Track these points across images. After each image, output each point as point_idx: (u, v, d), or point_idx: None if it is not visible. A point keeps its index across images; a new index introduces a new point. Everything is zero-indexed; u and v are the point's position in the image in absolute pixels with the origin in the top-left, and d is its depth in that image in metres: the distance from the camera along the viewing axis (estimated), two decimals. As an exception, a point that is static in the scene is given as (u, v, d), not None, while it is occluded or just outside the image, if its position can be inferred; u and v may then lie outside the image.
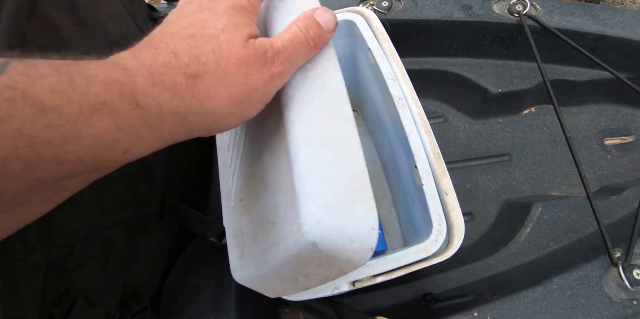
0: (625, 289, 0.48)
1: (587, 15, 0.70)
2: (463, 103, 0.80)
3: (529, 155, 0.76)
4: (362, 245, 0.24)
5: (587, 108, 0.78)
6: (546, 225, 0.63)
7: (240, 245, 0.34)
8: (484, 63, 0.77)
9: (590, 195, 0.52)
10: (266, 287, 0.33)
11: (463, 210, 0.68)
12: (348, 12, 0.53)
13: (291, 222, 0.25)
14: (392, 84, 0.47)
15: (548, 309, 0.48)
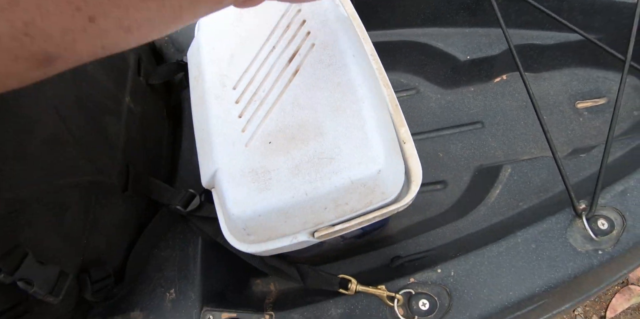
0: (591, 240, 0.48)
1: (550, -22, 0.69)
2: (434, 73, 0.79)
3: (501, 122, 0.75)
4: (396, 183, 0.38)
5: (558, 72, 0.78)
6: (515, 186, 0.63)
7: (264, 180, 0.37)
8: (451, 32, 0.77)
9: (553, 149, 0.52)
10: (278, 221, 0.38)
11: (436, 178, 0.68)
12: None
13: (360, 157, 0.36)
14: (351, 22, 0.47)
15: (512, 262, 0.47)
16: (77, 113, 0.45)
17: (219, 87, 0.45)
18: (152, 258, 0.55)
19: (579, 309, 0.83)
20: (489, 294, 0.46)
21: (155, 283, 0.52)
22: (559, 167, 0.51)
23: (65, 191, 0.42)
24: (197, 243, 0.55)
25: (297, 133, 0.39)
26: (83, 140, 0.45)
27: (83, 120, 0.46)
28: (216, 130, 0.42)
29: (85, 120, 0.46)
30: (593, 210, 0.49)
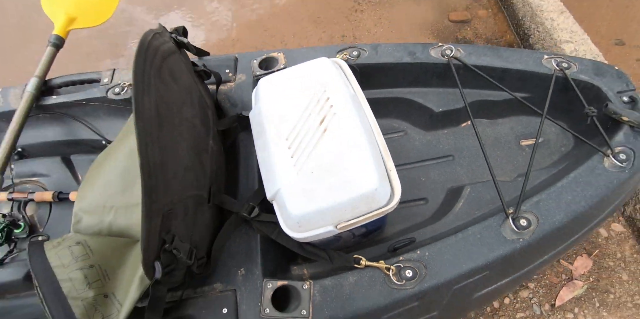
0: (515, 232, 0.74)
1: (494, 55, 1.00)
2: (417, 120, 1.09)
3: (466, 155, 1.03)
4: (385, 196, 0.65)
5: (508, 119, 1.07)
6: (473, 200, 0.90)
7: (309, 194, 0.65)
8: (428, 91, 1.07)
9: (493, 175, 0.80)
10: (316, 217, 0.64)
11: (419, 196, 0.96)
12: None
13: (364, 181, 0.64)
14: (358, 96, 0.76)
15: (465, 247, 0.74)
16: (192, 152, 0.73)
17: (277, 138, 0.73)
18: (226, 249, 0.81)
19: (535, 298, 1.08)
20: (450, 267, 0.72)
21: (230, 264, 0.79)
22: (496, 186, 0.79)
23: (187, 200, 0.70)
24: (257, 239, 0.81)
25: (328, 166, 0.67)
26: (195, 169, 0.73)
27: (194, 156, 0.74)
28: (277, 165, 0.70)
29: (196, 156, 0.75)
30: (517, 213, 0.75)
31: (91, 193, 0.83)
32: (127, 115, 1.19)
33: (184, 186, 0.68)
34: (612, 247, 1.12)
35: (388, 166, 0.69)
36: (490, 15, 1.72)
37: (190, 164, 0.71)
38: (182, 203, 0.68)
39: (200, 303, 0.76)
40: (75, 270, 0.68)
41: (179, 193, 0.67)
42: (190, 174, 0.71)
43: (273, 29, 1.78)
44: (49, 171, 1.24)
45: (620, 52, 1.50)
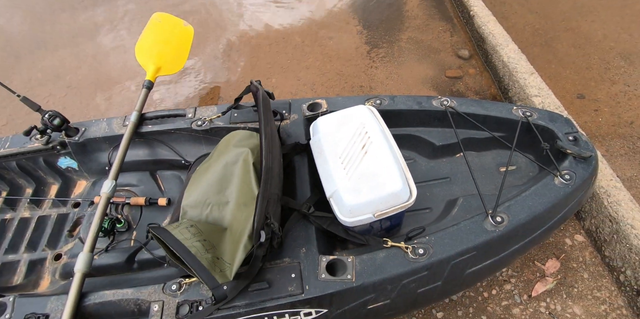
0: (493, 226, 1.08)
1: (478, 106, 1.39)
2: (422, 151, 1.46)
3: (459, 177, 1.39)
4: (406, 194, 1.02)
5: (490, 152, 1.44)
6: (465, 207, 1.25)
7: (358, 192, 0.99)
8: (431, 130, 1.45)
9: (478, 188, 1.15)
10: (362, 207, 0.99)
11: (425, 206, 1.32)
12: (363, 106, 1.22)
13: (393, 184, 1.00)
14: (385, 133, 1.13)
15: (459, 234, 1.07)
16: (277, 164, 1.10)
17: (333, 157, 1.10)
18: (289, 235, 1.14)
19: (516, 291, 1.38)
20: (449, 247, 1.05)
21: (293, 245, 1.11)
22: (480, 196, 1.14)
23: (274, 196, 1.05)
24: (312, 229, 1.15)
25: (369, 175, 1.02)
26: (278, 175, 1.09)
27: (278, 167, 1.10)
28: (335, 174, 1.06)
29: (278, 168, 1.11)
30: (494, 212, 1.10)
31: (194, 194, 1.19)
32: (203, 142, 1.57)
33: (275, 185, 1.04)
34: (575, 253, 1.44)
35: (407, 176, 1.05)
36: (477, 73, 2.16)
37: (277, 171, 1.07)
38: (273, 197, 1.03)
39: (275, 270, 1.07)
40: (195, 241, 1.02)
41: (274, 189, 1.02)
42: (277, 178, 1.07)
43: (305, 79, 2.21)
44: (139, 182, 1.59)
45: (582, 104, 1.91)
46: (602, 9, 2.34)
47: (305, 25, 2.60)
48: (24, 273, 1.48)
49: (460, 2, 2.46)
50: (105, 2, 3.17)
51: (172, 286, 1.08)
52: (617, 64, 2.03)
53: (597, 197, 1.41)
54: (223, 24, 2.76)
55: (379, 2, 2.70)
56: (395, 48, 2.33)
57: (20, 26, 3.11)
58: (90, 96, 2.44)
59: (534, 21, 2.32)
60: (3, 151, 1.59)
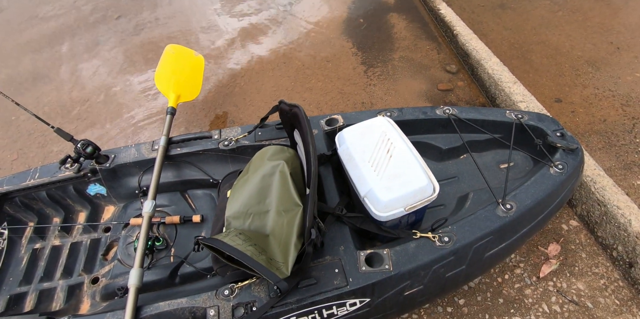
0: (504, 212, 1.25)
1: (476, 112, 1.59)
2: (431, 155, 1.64)
3: (466, 176, 1.57)
4: (431, 188, 1.18)
5: (490, 151, 1.63)
6: (476, 201, 1.42)
7: (390, 190, 1.16)
8: (437, 136, 1.64)
9: (487, 180, 1.33)
10: (395, 202, 1.15)
11: (439, 203, 1.49)
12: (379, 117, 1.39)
13: (420, 181, 1.17)
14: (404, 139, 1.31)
15: (477, 222, 1.24)
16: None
17: (362, 161, 1.26)
18: (327, 236, 1.28)
19: (525, 273, 1.54)
20: (470, 234, 1.21)
21: (332, 244, 1.25)
22: (489, 187, 1.31)
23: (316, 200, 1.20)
24: (346, 228, 1.29)
25: (398, 174, 1.19)
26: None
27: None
28: (367, 175, 1.22)
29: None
30: (504, 201, 1.27)
31: (236, 205, 1.32)
32: (229, 161, 1.71)
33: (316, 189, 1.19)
34: (572, 236, 1.63)
35: (429, 174, 1.22)
36: (466, 85, 2.40)
37: None
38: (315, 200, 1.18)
39: (319, 268, 1.21)
40: (248, 246, 1.14)
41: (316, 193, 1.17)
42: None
43: (310, 99, 2.40)
44: (170, 202, 1.71)
45: (560, 107, 2.14)
46: (566, 23, 2.64)
47: (304, 51, 2.82)
48: (63, 299, 1.54)
49: (443, 23, 2.73)
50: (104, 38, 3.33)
51: (225, 292, 1.19)
52: (585, 70, 2.30)
53: (585, 185, 1.61)
54: (225, 53, 2.95)
55: (370, 27, 2.95)
56: (390, 66, 2.56)
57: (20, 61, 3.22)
58: (101, 125, 2.56)
59: (509, 36, 2.59)
60: (34, 181, 1.68)
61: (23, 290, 1.56)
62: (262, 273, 1.04)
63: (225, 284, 1.20)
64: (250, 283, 1.19)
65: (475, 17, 2.79)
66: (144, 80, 2.80)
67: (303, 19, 3.15)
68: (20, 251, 1.69)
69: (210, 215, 1.65)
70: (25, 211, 1.74)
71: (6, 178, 1.69)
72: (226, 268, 1.24)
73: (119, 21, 3.49)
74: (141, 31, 3.30)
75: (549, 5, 2.82)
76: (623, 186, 1.67)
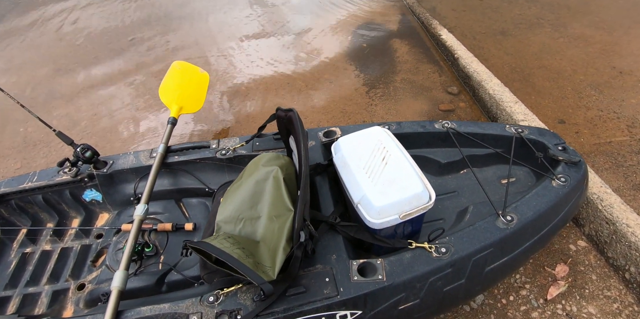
0: (504, 224, 1.20)
1: (476, 126, 1.57)
2: (430, 169, 1.60)
3: (465, 191, 1.53)
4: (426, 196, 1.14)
5: (491, 167, 1.59)
6: (476, 214, 1.37)
7: (384, 195, 1.12)
8: (436, 150, 1.61)
9: (487, 193, 1.28)
10: (389, 208, 1.11)
11: (438, 217, 1.44)
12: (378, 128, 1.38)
13: (415, 187, 1.13)
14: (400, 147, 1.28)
15: (476, 233, 1.18)
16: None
17: (357, 168, 1.23)
18: (319, 244, 1.23)
19: (531, 295, 1.44)
20: (469, 245, 1.15)
21: (324, 252, 1.20)
22: (489, 199, 1.27)
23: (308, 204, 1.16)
24: (340, 237, 1.24)
25: (394, 180, 1.15)
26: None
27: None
28: (361, 181, 1.18)
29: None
30: (505, 212, 1.22)
31: (227, 210, 1.29)
32: (226, 170, 1.70)
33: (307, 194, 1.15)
34: (581, 257, 1.54)
35: (425, 181, 1.19)
36: (467, 106, 2.40)
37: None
38: (308, 203, 1.14)
39: (310, 276, 1.15)
40: (235, 249, 1.10)
41: (308, 196, 1.14)
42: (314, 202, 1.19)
43: (312, 117, 2.41)
44: (164, 210, 1.68)
45: (563, 128, 2.12)
46: (567, 49, 2.68)
47: (307, 72, 2.87)
48: (46, 304, 1.49)
49: (445, 48, 2.79)
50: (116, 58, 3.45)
51: (210, 298, 1.13)
52: (588, 93, 2.29)
53: (591, 203, 1.55)
54: (231, 72, 3.02)
55: (372, 50, 3.03)
56: (391, 88, 2.59)
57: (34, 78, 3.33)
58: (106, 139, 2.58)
59: (511, 61, 2.62)
60: (32, 184, 1.67)
61: (7, 294, 1.52)
62: (247, 274, 0.98)
63: (211, 291, 1.14)
64: (237, 289, 1.13)
65: (477, 43, 2.85)
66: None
67: (309, 43, 3.24)
68: (10, 255, 1.66)
69: (203, 223, 1.62)
70: (19, 214, 1.72)
71: (5, 181, 1.69)
72: (213, 274, 1.19)
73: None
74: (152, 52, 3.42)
75: (550, 32, 2.88)
76: (633, 207, 1.61)
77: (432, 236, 1.20)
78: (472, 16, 3.23)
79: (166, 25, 3.87)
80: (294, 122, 1.25)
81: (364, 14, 3.59)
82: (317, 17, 3.63)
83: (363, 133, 1.38)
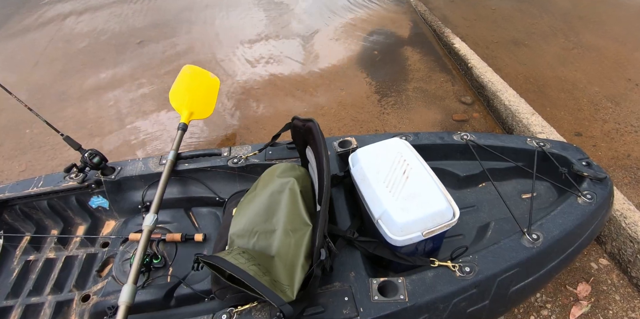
0: (530, 242, 1.15)
1: (496, 139, 1.53)
2: (448, 182, 1.56)
3: (485, 205, 1.48)
4: (450, 213, 1.10)
5: (511, 180, 1.55)
6: (498, 230, 1.32)
7: (406, 211, 1.07)
8: (455, 162, 1.57)
9: (510, 209, 1.24)
10: (411, 225, 1.06)
11: (457, 232, 1.39)
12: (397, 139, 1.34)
13: (439, 203, 1.08)
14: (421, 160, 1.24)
15: (501, 252, 1.13)
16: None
17: (377, 181, 1.19)
18: (336, 260, 1.18)
19: (553, 315, 1.39)
20: (494, 265, 1.11)
21: (342, 269, 1.15)
22: (512, 215, 1.22)
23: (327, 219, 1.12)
24: (358, 254, 1.19)
25: (417, 196, 1.11)
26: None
27: None
28: (381, 196, 1.14)
29: None
30: (530, 231, 1.17)
31: (241, 223, 1.25)
32: (237, 179, 1.65)
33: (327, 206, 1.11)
34: (603, 276, 1.49)
35: (448, 197, 1.14)
36: (481, 116, 2.36)
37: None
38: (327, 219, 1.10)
39: (327, 294, 1.10)
40: (251, 265, 1.05)
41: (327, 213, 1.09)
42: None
43: (323, 125, 2.36)
44: (173, 219, 1.63)
45: (580, 141, 2.08)
46: (582, 60, 2.64)
47: (318, 78, 2.84)
48: (49, 316, 1.44)
49: (458, 57, 2.76)
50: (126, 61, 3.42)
51: (222, 316, 1.09)
52: (605, 106, 2.25)
53: (614, 220, 1.50)
54: (240, 77, 2.99)
55: (384, 58, 2.99)
56: (404, 96, 2.55)
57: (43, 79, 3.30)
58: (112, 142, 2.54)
59: (524, 71, 2.59)
60: (37, 189, 1.63)
61: (9, 304, 1.46)
62: (265, 294, 0.94)
63: (224, 309, 1.09)
64: (251, 307, 1.08)
65: (490, 53, 2.81)
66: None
67: (319, 48, 3.21)
68: (13, 263, 1.61)
69: (213, 234, 1.57)
70: (23, 220, 1.68)
71: (9, 185, 1.64)
72: (225, 290, 1.14)
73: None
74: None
75: (564, 43, 2.85)
76: (655, 224, 1.56)
77: (454, 254, 1.15)
78: (484, 25, 3.21)
79: (174, 28, 3.85)
80: (314, 133, 1.20)
81: (375, 21, 3.57)
82: (328, 23, 3.61)
83: (382, 144, 1.33)
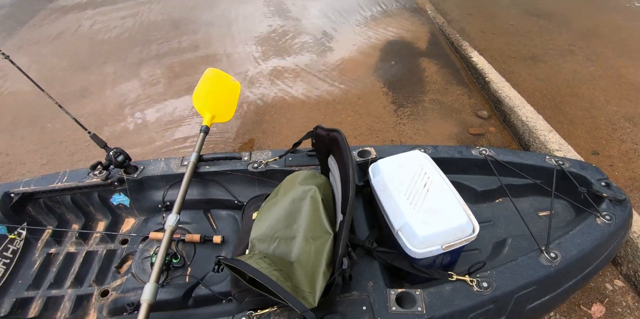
0: (548, 261, 1.16)
1: (514, 155, 1.54)
2: (465, 196, 1.54)
3: (502, 221, 1.49)
4: (470, 227, 1.10)
5: (528, 197, 1.56)
6: (515, 247, 1.33)
7: (427, 224, 1.09)
8: (472, 177, 1.58)
9: (528, 225, 1.25)
10: (432, 238, 1.07)
11: (474, 247, 1.40)
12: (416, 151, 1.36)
13: (459, 218, 1.11)
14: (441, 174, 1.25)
15: (519, 269, 1.14)
16: None
17: (398, 193, 1.21)
18: (355, 270, 1.20)
19: (567, 332, 1.39)
20: (512, 281, 1.11)
21: (360, 279, 1.17)
22: (530, 232, 1.23)
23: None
24: (376, 264, 1.21)
25: (438, 210, 1.13)
26: None
27: None
28: (403, 208, 1.16)
29: None
30: (548, 249, 1.18)
31: (262, 228, 1.27)
32: (256, 184, 1.68)
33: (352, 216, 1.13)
34: (617, 297, 1.49)
35: (468, 212, 1.16)
36: (498, 131, 2.37)
37: None
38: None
39: (346, 302, 1.11)
40: (272, 271, 1.07)
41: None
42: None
43: (339, 132, 2.40)
44: (192, 220, 1.66)
45: (597, 160, 2.08)
46: (600, 78, 2.65)
47: (335, 87, 2.88)
48: (69, 309, 1.47)
49: (475, 70, 2.78)
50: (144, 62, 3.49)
51: None
52: (622, 125, 2.25)
53: (631, 242, 1.50)
54: (258, 83, 3.03)
55: (401, 69, 3.03)
56: (420, 107, 2.57)
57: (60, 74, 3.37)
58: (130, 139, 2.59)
59: (542, 87, 2.60)
60: (62, 184, 1.67)
61: (30, 295, 1.50)
62: (288, 300, 0.95)
63: (242, 312, 1.11)
64: (271, 312, 1.10)
65: (507, 67, 2.83)
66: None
67: (337, 57, 3.25)
68: (35, 254, 1.65)
69: (231, 237, 1.59)
70: (47, 214, 1.72)
71: (35, 179, 1.69)
72: (245, 293, 1.16)
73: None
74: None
75: (582, 60, 2.86)
76: (671, 247, 1.56)
77: (472, 269, 1.16)
78: (502, 39, 3.23)
79: (195, 30, 3.92)
80: (340, 144, 1.23)
81: (393, 31, 3.61)
82: (345, 33, 3.65)
83: (403, 156, 1.35)
